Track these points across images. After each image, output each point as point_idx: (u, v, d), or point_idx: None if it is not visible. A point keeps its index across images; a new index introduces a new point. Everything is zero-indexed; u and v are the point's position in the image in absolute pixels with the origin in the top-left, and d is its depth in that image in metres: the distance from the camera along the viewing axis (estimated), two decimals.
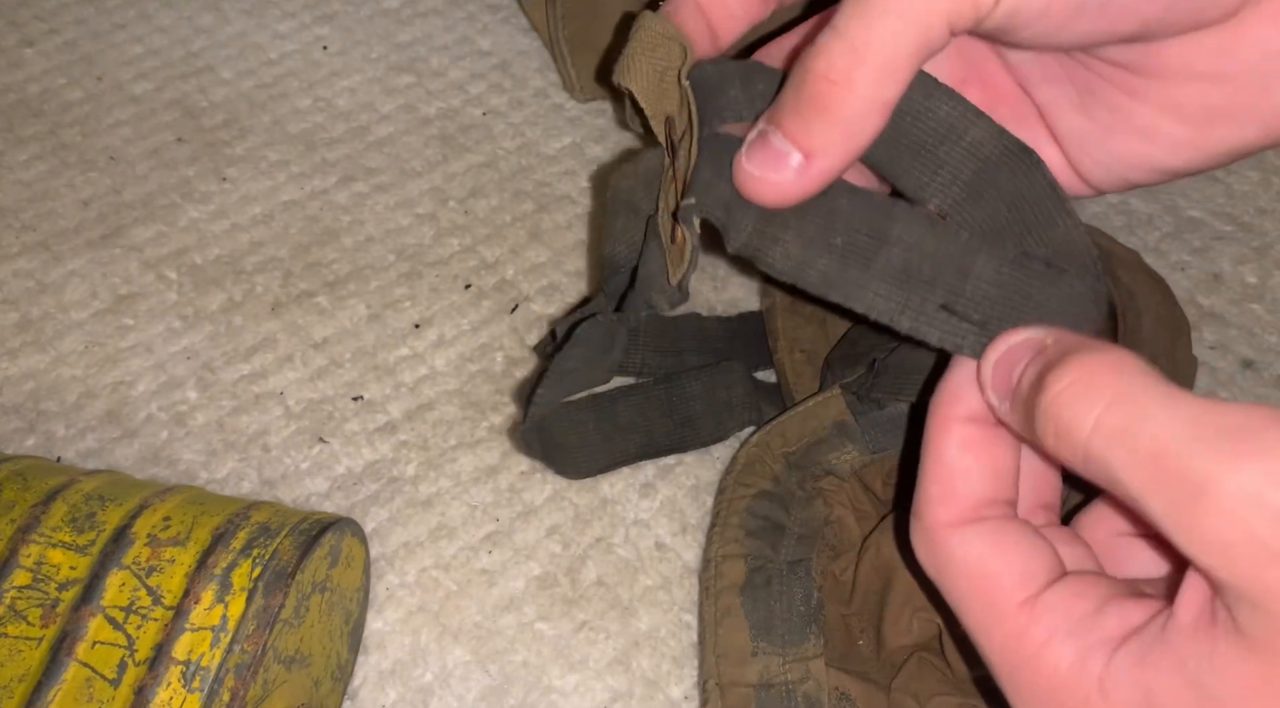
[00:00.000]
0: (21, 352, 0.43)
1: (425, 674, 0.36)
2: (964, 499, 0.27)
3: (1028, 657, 0.25)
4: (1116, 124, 0.29)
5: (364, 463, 0.41)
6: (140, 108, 0.52)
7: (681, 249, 0.29)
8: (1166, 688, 0.22)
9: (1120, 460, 0.22)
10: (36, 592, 0.30)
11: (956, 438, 0.27)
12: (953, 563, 0.26)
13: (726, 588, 0.34)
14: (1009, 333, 0.26)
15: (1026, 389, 0.25)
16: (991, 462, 0.27)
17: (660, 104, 0.30)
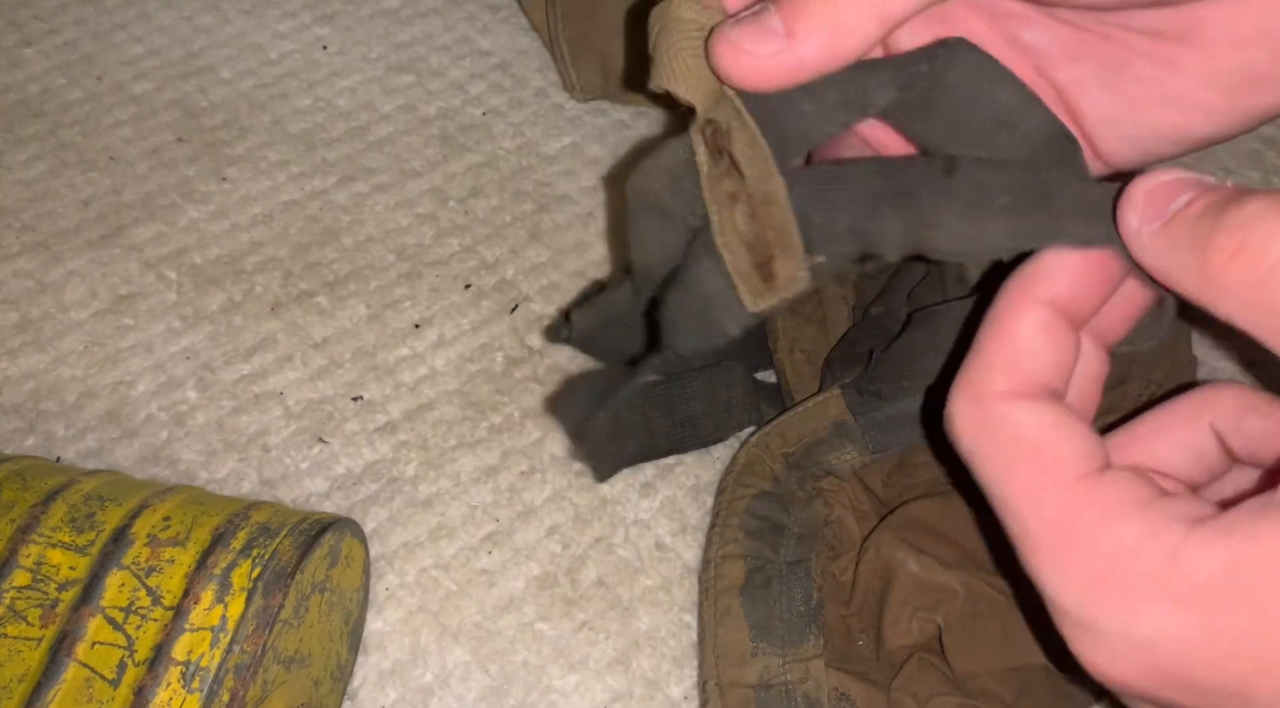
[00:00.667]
0: (21, 352, 0.43)
1: (425, 675, 0.36)
2: (1028, 375, 0.25)
3: (1086, 529, 0.24)
4: (1149, 97, 0.28)
5: (364, 463, 0.40)
6: (140, 108, 0.52)
7: (776, 284, 0.28)
8: (1259, 555, 0.21)
9: None
10: (36, 592, 0.30)
11: (1034, 318, 0.26)
12: (1005, 429, 0.25)
13: (726, 589, 0.34)
14: (1161, 170, 0.25)
15: (1201, 210, 0.23)
16: (1061, 353, 0.26)
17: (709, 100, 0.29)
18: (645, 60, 0.30)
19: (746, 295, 0.28)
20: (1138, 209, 0.25)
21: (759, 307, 0.28)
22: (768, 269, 0.28)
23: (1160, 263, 0.24)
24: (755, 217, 0.28)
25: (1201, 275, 0.23)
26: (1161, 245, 0.24)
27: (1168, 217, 0.24)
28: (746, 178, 0.27)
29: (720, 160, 0.28)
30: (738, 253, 0.28)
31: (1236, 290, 0.22)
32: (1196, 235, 0.23)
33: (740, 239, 0.28)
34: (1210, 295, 0.23)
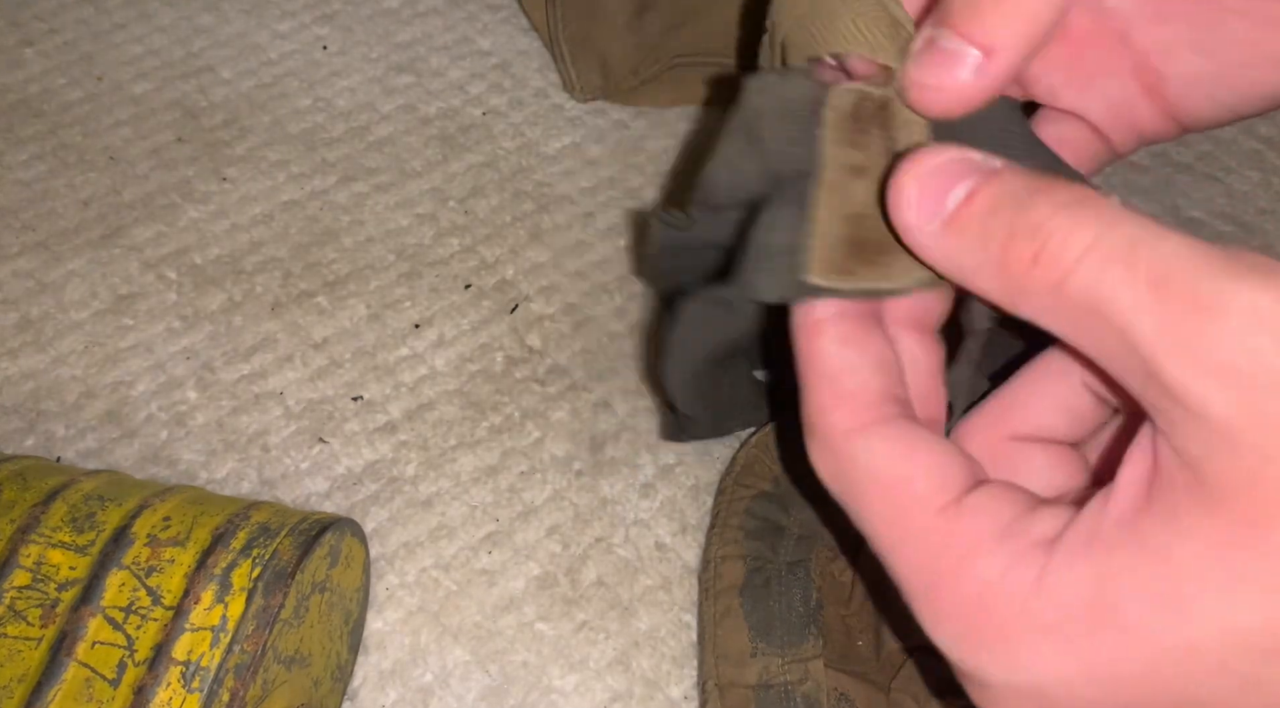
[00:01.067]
0: (21, 352, 0.43)
1: (425, 675, 0.36)
2: (857, 397, 0.24)
3: (949, 569, 0.22)
4: (1246, 58, 0.27)
5: (364, 463, 0.41)
6: (140, 108, 0.52)
7: (863, 273, 0.25)
8: (1120, 567, 0.20)
9: (1115, 280, 0.20)
10: (36, 592, 0.30)
11: (830, 335, 0.24)
12: (856, 469, 0.24)
13: (726, 589, 0.34)
14: (934, 149, 0.23)
15: (988, 207, 0.22)
16: (874, 354, 0.25)
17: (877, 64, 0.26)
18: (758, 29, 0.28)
19: (816, 265, 0.25)
20: (911, 204, 0.23)
21: (825, 283, 0.25)
22: (865, 255, 0.25)
23: (948, 263, 0.23)
24: (880, 202, 0.25)
25: (1000, 281, 0.22)
26: (947, 246, 0.23)
27: (947, 212, 0.22)
28: (897, 132, 0.26)
29: (862, 130, 0.26)
30: (834, 221, 0.25)
31: (1039, 295, 0.21)
32: (988, 237, 0.22)
33: (844, 209, 0.25)
34: (1012, 301, 0.22)
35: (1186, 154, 0.51)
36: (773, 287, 0.25)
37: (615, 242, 0.47)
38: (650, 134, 0.51)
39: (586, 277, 0.46)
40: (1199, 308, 0.19)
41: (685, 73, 0.51)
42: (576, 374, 0.43)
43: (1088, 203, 0.21)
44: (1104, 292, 0.20)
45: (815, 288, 0.25)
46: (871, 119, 0.26)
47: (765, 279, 0.25)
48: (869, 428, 0.24)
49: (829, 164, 0.26)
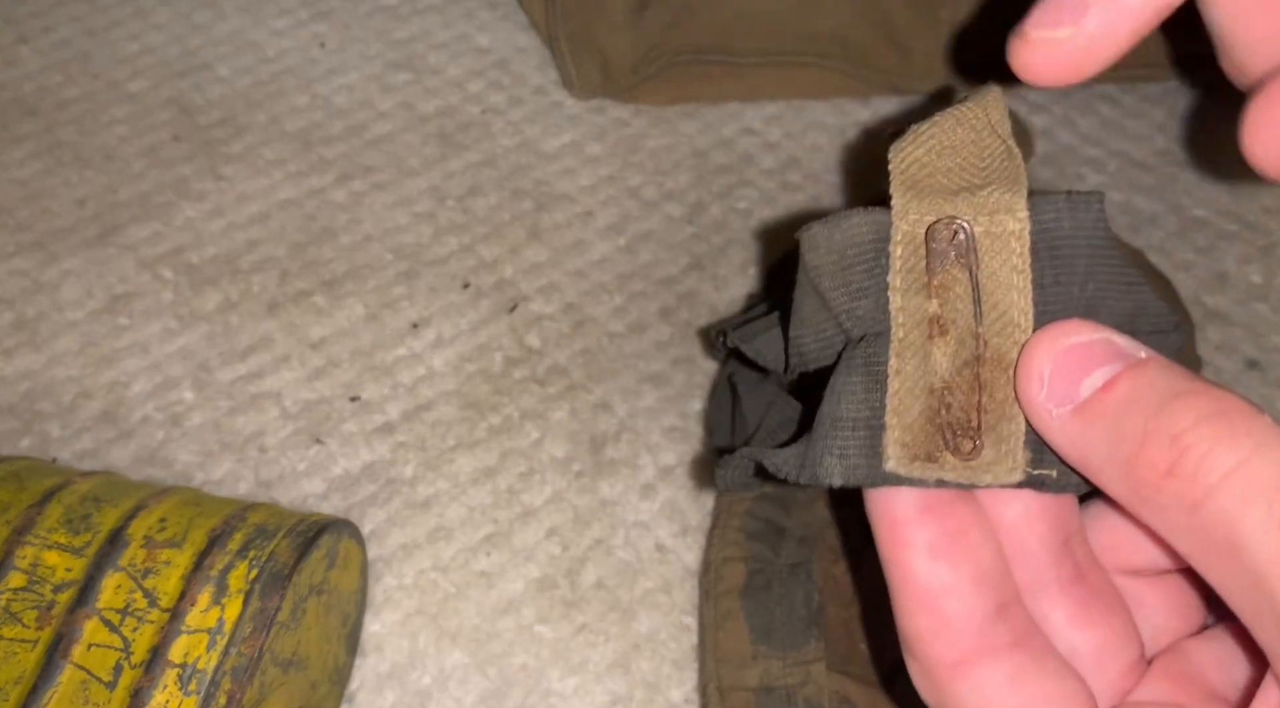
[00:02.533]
0: (17, 352, 0.43)
1: (423, 677, 0.36)
2: (961, 625, 0.21)
3: None
4: None
5: (361, 464, 0.40)
6: (136, 106, 0.51)
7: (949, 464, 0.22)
8: None
9: (1256, 521, 0.18)
10: (32, 594, 0.29)
11: (919, 546, 0.22)
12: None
13: (726, 591, 0.34)
14: (1075, 325, 0.21)
15: (1125, 401, 0.20)
16: (974, 563, 0.22)
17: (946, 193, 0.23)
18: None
19: (894, 448, 0.22)
20: (1043, 382, 0.21)
21: (906, 472, 0.22)
22: (953, 440, 0.22)
23: (1072, 451, 0.21)
24: (967, 370, 0.22)
25: (1128, 485, 0.20)
26: (1074, 434, 0.21)
27: (1080, 398, 0.20)
28: (984, 316, 0.22)
29: (938, 269, 0.22)
30: (912, 393, 0.22)
31: (1169, 511, 0.19)
32: (1120, 435, 0.20)
33: (923, 379, 0.22)
34: (1136, 507, 0.20)
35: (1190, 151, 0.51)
36: (845, 471, 0.22)
37: (615, 240, 0.47)
38: (650, 132, 0.51)
39: (586, 276, 0.46)
40: None
41: (685, 70, 0.51)
42: (576, 374, 0.43)
43: (1236, 417, 0.19)
44: (1242, 531, 0.18)
45: (895, 478, 0.22)
46: (950, 253, 0.22)
47: (836, 462, 0.22)
48: (975, 663, 0.21)
49: (900, 319, 0.22)
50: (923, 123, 0.24)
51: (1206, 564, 0.19)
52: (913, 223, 0.23)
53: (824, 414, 0.23)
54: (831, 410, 0.22)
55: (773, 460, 0.23)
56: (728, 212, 0.48)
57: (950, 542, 0.22)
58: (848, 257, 0.23)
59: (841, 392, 0.22)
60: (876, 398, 0.22)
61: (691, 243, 0.47)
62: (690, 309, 0.45)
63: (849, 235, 0.23)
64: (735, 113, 0.52)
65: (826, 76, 0.51)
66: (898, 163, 0.23)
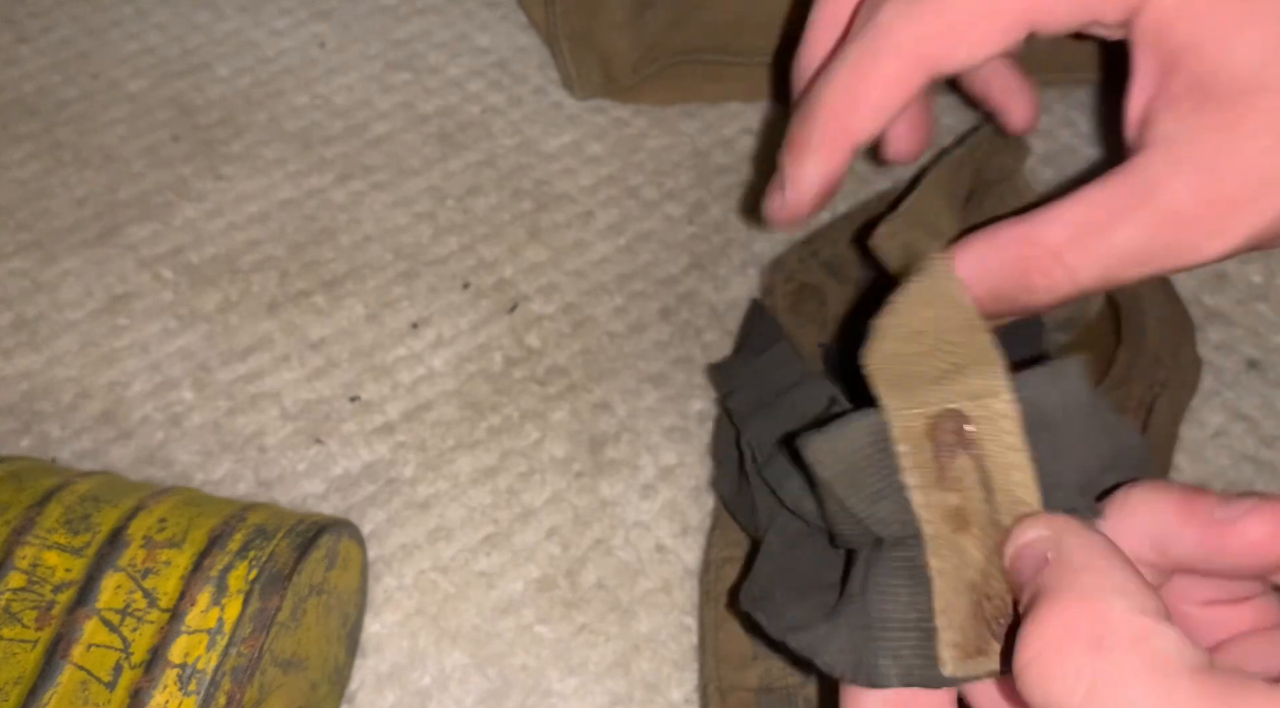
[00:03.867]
0: (16, 352, 0.43)
1: (423, 677, 0.36)
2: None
3: None
4: None
5: (361, 464, 0.40)
6: (136, 106, 0.51)
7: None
8: None
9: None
10: (31, 594, 0.29)
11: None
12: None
13: (726, 592, 0.34)
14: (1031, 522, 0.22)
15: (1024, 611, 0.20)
16: None
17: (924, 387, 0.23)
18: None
19: (950, 655, 0.22)
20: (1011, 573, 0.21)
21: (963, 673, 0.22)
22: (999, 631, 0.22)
23: None
24: (996, 558, 0.22)
25: None
26: None
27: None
28: (997, 501, 0.22)
29: (947, 459, 0.23)
30: (956, 591, 0.22)
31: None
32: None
33: (962, 574, 0.22)
34: None
35: None
36: (902, 673, 0.22)
37: (615, 240, 0.47)
38: (650, 132, 0.51)
39: (586, 276, 0.46)
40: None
41: (686, 70, 0.51)
42: (576, 374, 0.43)
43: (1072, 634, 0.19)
44: None
45: (954, 679, 0.22)
46: (955, 444, 0.23)
47: (892, 664, 0.22)
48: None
49: (925, 516, 0.23)
50: (884, 315, 0.25)
51: None
52: (907, 419, 0.23)
53: (871, 616, 0.23)
54: (879, 612, 0.23)
55: (824, 659, 0.23)
56: (728, 212, 0.48)
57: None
58: (856, 465, 0.24)
59: (885, 592, 0.23)
60: (923, 600, 0.22)
61: (691, 243, 0.47)
62: (690, 309, 0.45)
63: (851, 444, 0.24)
64: (735, 113, 0.52)
65: None
66: (874, 363, 0.24)
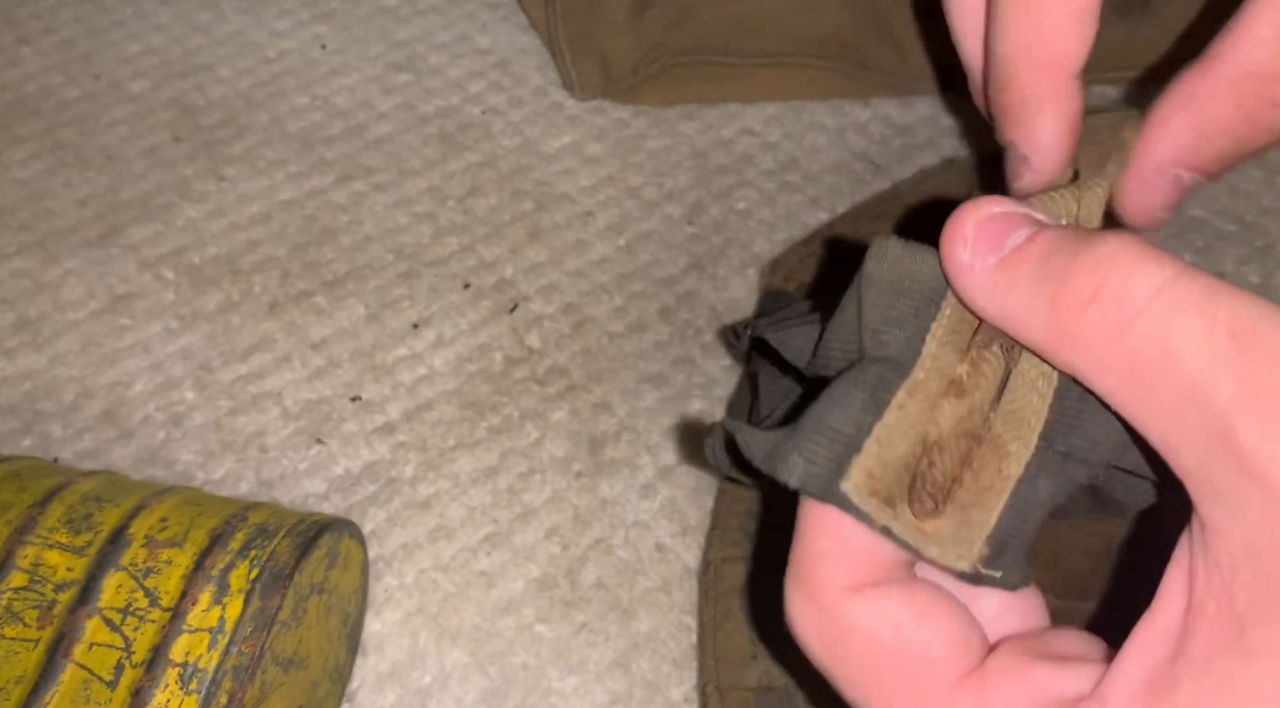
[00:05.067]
0: (18, 352, 0.43)
1: (424, 676, 0.36)
2: (863, 557, 0.21)
3: None
4: None
5: (362, 464, 0.40)
6: (137, 107, 0.51)
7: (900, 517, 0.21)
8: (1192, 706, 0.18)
9: (1189, 329, 0.17)
10: (33, 593, 0.29)
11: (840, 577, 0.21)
12: (855, 636, 0.21)
13: (726, 591, 0.34)
14: (991, 199, 0.22)
15: (1048, 247, 0.20)
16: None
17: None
18: None
19: (856, 477, 0.21)
20: (967, 241, 0.21)
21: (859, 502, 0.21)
22: (918, 494, 0.21)
23: (995, 305, 0.21)
24: (964, 441, 0.22)
25: (1050, 323, 0.20)
26: (998, 284, 0.21)
27: (1004, 250, 0.21)
28: (1000, 404, 0.22)
29: (983, 344, 0.22)
30: (903, 432, 0.22)
31: (1094, 341, 0.19)
32: (1044, 275, 0.20)
33: (919, 425, 0.22)
34: (1059, 346, 0.20)
35: None
36: (804, 476, 0.21)
37: (615, 241, 0.47)
38: (650, 133, 0.51)
39: (586, 276, 0.46)
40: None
41: (686, 71, 0.51)
42: (576, 374, 0.43)
43: (1153, 250, 0.19)
44: (1175, 339, 0.18)
45: (845, 501, 0.21)
46: (998, 340, 0.22)
47: (801, 463, 0.21)
48: (872, 589, 0.21)
49: (927, 364, 0.22)
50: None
51: (1132, 395, 0.19)
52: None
53: (812, 414, 0.22)
54: (822, 414, 0.22)
55: (745, 438, 0.23)
56: (728, 212, 0.48)
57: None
58: (903, 285, 0.23)
59: (839, 401, 0.22)
60: (869, 420, 0.22)
61: (691, 243, 0.47)
62: (690, 309, 0.45)
63: (915, 267, 0.23)
64: (735, 113, 0.52)
65: (826, 77, 0.51)
66: None
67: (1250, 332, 0.17)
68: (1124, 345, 0.18)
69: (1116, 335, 0.19)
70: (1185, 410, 0.18)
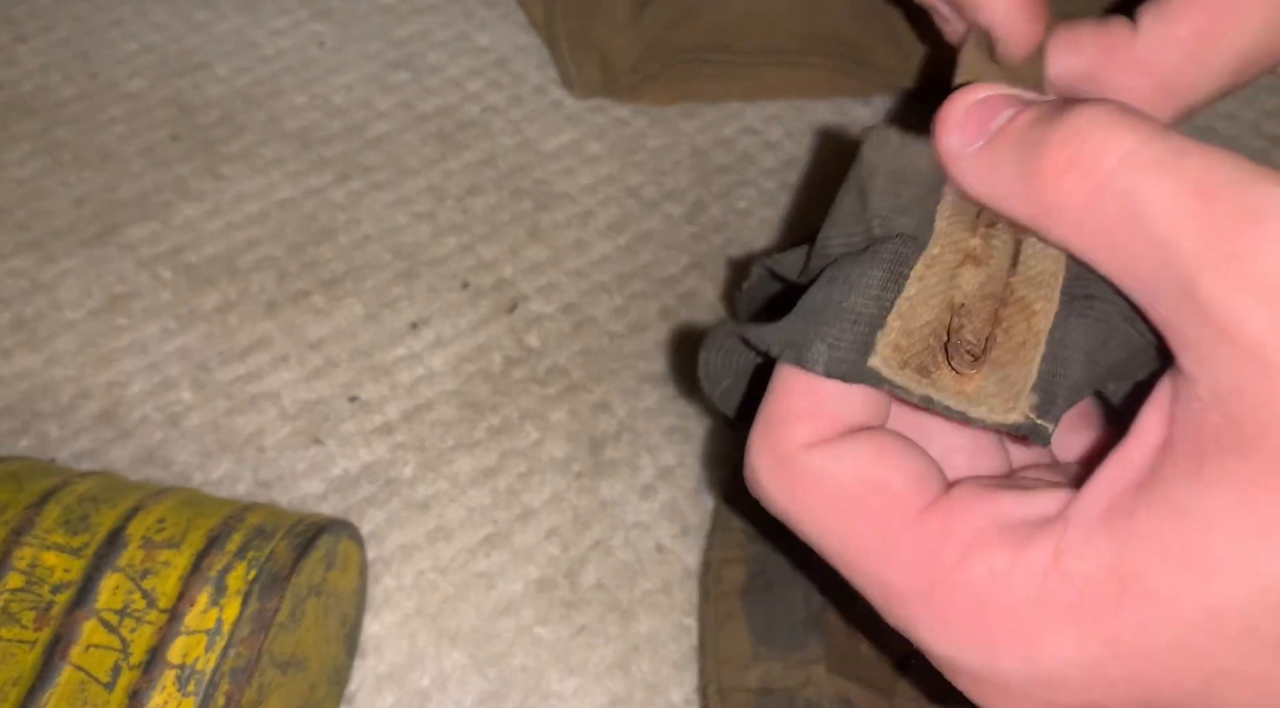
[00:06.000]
0: (15, 352, 0.43)
1: (423, 678, 0.36)
2: (829, 417, 0.22)
3: (949, 567, 0.20)
4: None
5: (360, 464, 0.40)
6: (135, 105, 0.51)
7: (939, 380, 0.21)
8: (1142, 533, 0.19)
9: (1155, 187, 0.18)
10: (30, 594, 0.29)
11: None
12: (819, 483, 0.22)
13: (727, 593, 0.34)
14: (978, 86, 0.23)
15: (1027, 123, 0.21)
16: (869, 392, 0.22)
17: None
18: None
19: (884, 353, 0.21)
20: (957, 128, 0.22)
21: (891, 375, 0.21)
22: (956, 356, 0.21)
23: (984, 186, 0.22)
24: (990, 303, 0.22)
25: (1031, 195, 0.21)
26: (985, 165, 0.22)
27: (990, 132, 0.22)
28: (1018, 273, 0.22)
29: (989, 222, 0.23)
30: (927, 302, 0.22)
31: (1070, 209, 0.20)
32: (1023, 151, 0.21)
33: (943, 293, 0.22)
34: (1042, 217, 0.21)
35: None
36: (830, 362, 0.21)
37: (615, 240, 0.47)
38: (650, 131, 0.51)
39: (586, 276, 0.46)
40: (1248, 218, 0.17)
41: (685, 69, 0.51)
42: (576, 375, 0.43)
43: (1128, 112, 0.20)
44: (1143, 199, 0.19)
45: (876, 376, 0.21)
46: (1001, 220, 0.23)
47: (825, 350, 0.22)
48: (836, 442, 0.22)
49: (940, 240, 0.23)
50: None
51: (1109, 256, 0.20)
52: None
53: (830, 299, 0.22)
54: (839, 299, 0.22)
55: (757, 334, 0.23)
56: (728, 212, 0.48)
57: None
58: (907, 174, 0.23)
59: (855, 283, 0.22)
60: (890, 296, 0.22)
61: (691, 243, 0.47)
62: (690, 309, 0.45)
63: (914, 155, 0.24)
64: (735, 112, 0.52)
65: (827, 76, 0.51)
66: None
67: (1216, 187, 0.18)
68: (1098, 210, 0.19)
69: (1090, 201, 0.19)
70: (1156, 267, 0.19)
